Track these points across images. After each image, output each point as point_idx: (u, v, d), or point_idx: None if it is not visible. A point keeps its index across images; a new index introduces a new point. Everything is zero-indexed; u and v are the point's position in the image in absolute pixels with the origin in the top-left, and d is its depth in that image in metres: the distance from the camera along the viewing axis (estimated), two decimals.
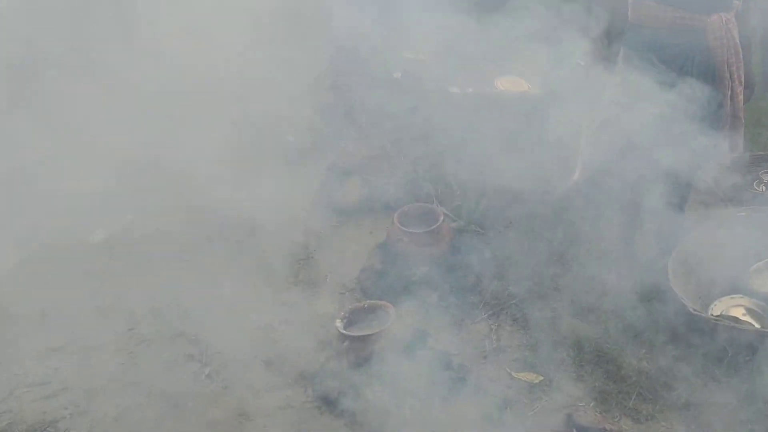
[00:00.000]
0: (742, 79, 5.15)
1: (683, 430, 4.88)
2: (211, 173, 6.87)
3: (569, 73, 6.51)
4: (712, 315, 5.27)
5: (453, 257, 5.85)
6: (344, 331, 5.35)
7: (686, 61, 5.32)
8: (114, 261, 6.44)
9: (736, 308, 5.39)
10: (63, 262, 6.44)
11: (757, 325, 5.25)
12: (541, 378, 5.21)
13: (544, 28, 6.64)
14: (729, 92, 5.17)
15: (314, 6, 7.60)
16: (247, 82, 7.41)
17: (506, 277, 5.78)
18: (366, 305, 5.47)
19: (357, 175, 6.71)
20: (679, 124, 5.41)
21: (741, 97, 5.14)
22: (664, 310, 5.29)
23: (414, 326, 5.47)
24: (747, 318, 5.34)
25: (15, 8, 6.96)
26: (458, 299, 5.66)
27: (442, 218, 5.90)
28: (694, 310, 5.14)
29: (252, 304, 5.97)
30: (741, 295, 5.42)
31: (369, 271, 5.92)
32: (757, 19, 5.80)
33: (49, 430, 5.31)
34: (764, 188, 5.78)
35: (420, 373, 5.27)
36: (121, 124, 6.80)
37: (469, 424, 5.05)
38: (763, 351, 4.97)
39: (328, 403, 5.21)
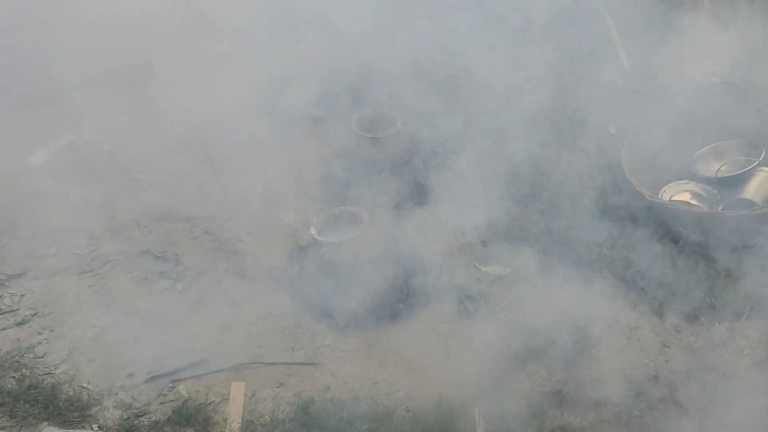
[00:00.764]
0: None
1: (647, 309, 5.24)
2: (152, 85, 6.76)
3: None
4: (663, 199, 5.62)
5: (413, 160, 5.99)
6: (320, 238, 5.46)
7: None
8: (60, 182, 6.31)
9: (683, 193, 5.75)
10: (6, 186, 6.28)
11: (705, 208, 5.63)
12: (509, 270, 5.48)
13: None
14: None
15: None
16: None
17: (466, 175, 5.96)
18: (339, 212, 5.58)
19: (300, 82, 6.71)
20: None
21: None
22: (620, 197, 5.59)
23: (386, 230, 5.63)
24: (694, 201, 5.70)
25: None
26: (423, 200, 5.83)
27: (399, 122, 6.01)
28: (650, 196, 5.46)
29: (213, 218, 6.01)
30: (687, 181, 5.78)
31: (332, 179, 6.01)
32: None
33: (27, 355, 5.29)
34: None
35: (394, 274, 5.46)
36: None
37: (443, 319, 5.30)
38: (713, 231, 5.35)
39: (311, 308, 5.35)
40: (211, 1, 7.00)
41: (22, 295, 5.66)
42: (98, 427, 4.84)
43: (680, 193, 5.74)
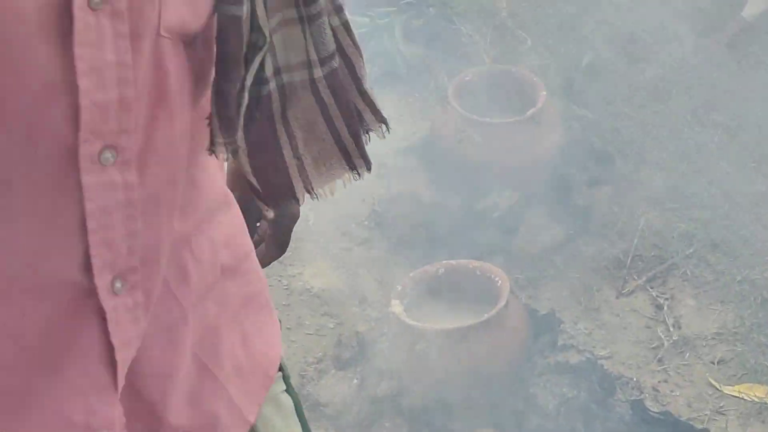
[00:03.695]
0: None
1: None
2: None
3: None
4: None
5: (565, 164, 3.21)
6: (412, 321, 2.67)
7: None
8: None
9: None
10: None
11: None
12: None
13: None
14: None
15: None
16: None
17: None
18: (441, 271, 2.79)
19: None
20: None
21: None
22: None
23: (534, 306, 2.86)
24: None
25: None
26: (595, 252, 3.09)
27: (544, 92, 3.21)
28: None
29: None
30: None
31: (414, 206, 3.17)
32: None
33: None
34: None
35: (560, 395, 2.72)
36: None
37: None
38: None
39: None
40: None
41: None
42: None
43: None
